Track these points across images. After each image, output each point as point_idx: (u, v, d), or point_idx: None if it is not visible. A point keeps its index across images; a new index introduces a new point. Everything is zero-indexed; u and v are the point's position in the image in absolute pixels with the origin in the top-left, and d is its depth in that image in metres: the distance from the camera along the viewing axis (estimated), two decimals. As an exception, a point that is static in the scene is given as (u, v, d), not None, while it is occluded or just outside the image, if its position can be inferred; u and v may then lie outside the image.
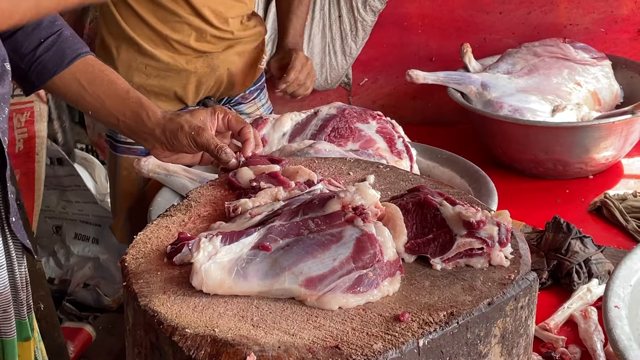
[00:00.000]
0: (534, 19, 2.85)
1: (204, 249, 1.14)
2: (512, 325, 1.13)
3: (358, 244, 1.15)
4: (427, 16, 2.91)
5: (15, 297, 1.55)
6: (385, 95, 3.01)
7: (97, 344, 2.89)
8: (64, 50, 1.57)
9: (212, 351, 1.02)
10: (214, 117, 1.53)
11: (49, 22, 1.57)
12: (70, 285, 3.14)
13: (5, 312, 1.52)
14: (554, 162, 2.39)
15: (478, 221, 1.18)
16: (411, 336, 1.03)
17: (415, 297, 1.11)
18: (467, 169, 1.95)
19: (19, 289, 1.55)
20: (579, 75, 2.56)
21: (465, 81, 2.53)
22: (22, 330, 1.57)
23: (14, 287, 1.55)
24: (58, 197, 3.22)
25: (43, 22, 1.56)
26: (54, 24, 1.57)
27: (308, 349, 1.01)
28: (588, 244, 1.98)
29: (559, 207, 2.28)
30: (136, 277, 1.15)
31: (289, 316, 1.08)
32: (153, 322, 1.07)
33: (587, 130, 2.34)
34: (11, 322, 1.54)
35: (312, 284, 1.11)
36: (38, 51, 1.56)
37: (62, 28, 1.58)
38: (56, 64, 1.56)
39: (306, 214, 1.23)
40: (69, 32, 1.59)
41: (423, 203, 1.24)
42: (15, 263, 1.55)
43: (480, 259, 1.17)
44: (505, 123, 2.39)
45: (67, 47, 1.57)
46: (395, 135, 1.87)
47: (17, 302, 1.56)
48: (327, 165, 1.50)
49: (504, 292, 1.11)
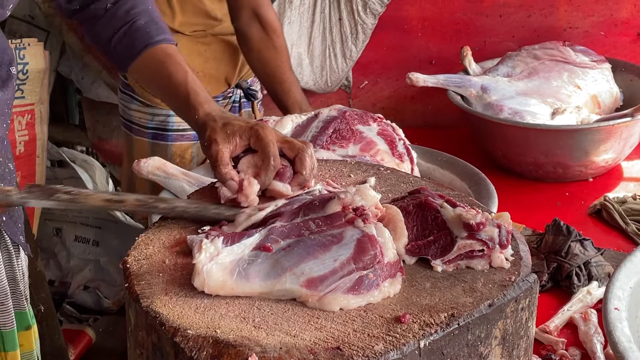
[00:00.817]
0: (534, 22, 2.86)
1: (205, 250, 1.14)
2: (512, 327, 1.13)
3: (359, 245, 1.15)
4: (427, 19, 2.92)
5: (14, 289, 1.57)
6: (385, 98, 3.01)
7: (98, 346, 2.89)
8: (133, 42, 1.54)
9: (214, 352, 1.02)
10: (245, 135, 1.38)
11: (124, 11, 1.55)
12: (70, 288, 3.13)
13: (3, 305, 1.54)
14: (554, 165, 2.39)
15: (478, 223, 1.18)
16: (412, 337, 1.03)
17: (416, 298, 1.12)
18: (467, 172, 1.95)
19: (18, 281, 1.58)
20: (578, 79, 2.57)
21: (465, 84, 2.53)
22: (22, 320, 1.59)
23: (12, 279, 1.57)
24: (58, 199, 3.22)
25: (119, 12, 1.55)
26: (129, 14, 1.55)
27: (309, 350, 1.02)
28: (588, 247, 1.98)
29: (559, 210, 2.28)
30: (138, 279, 1.16)
31: (290, 317, 1.09)
32: (155, 324, 1.07)
33: (587, 133, 2.35)
34: (9, 314, 1.56)
35: (313, 284, 1.12)
36: (112, 42, 1.55)
37: (137, 17, 1.55)
38: (127, 55, 1.54)
39: (307, 215, 1.23)
40: (144, 20, 1.55)
41: (424, 205, 1.24)
42: (13, 257, 1.57)
43: (480, 261, 1.18)
44: (505, 126, 2.40)
45: (136, 39, 1.55)
46: (396, 138, 1.87)
47: (17, 293, 1.58)
48: (327, 167, 1.51)
49: (505, 293, 1.12)
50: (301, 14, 2.85)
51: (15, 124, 2.56)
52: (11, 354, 1.56)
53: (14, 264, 1.57)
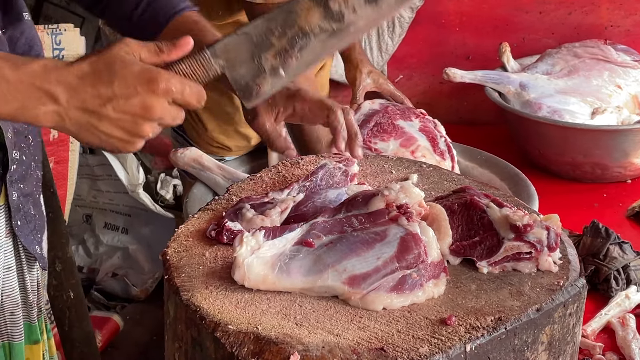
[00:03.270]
0: (575, 19, 2.81)
1: (247, 243, 1.13)
2: (559, 333, 1.11)
3: (402, 244, 1.13)
4: (465, 14, 2.88)
5: (25, 300, 1.52)
6: (419, 93, 2.98)
7: (125, 334, 2.90)
8: (157, 13, 1.47)
9: (255, 349, 1.00)
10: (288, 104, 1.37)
11: None
12: (98, 275, 3.14)
13: (13, 315, 1.50)
14: (592, 166, 2.36)
15: (526, 225, 1.16)
16: (458, 340, 1.01)
17: (462, 300, 1.10)
18: (508, 172, 1.93)
19: (29, 292, 1.52)
20: (619, 78, 2.52)
21: (503, 81, 2.49)
22: (31, 333, 1.55)
23: (23, 289, 1.52)
24: (89, 186, 3.23)
25: None
26: None
27: (352, 350, 1.00)
28: (627, 250, 1.95)
29: (596, 211, 2.25)
30: (178, 271, 1.14)
31: (332, 315, 1.07)
32: (195, 317, 1.06)
33: (627, 134, 2.31)
34: (19, 326, 1.51)
35: (355, 282, 1.10)
36: (134, 16, 1.48)
37: None
38: (153, 27, 1.47)
39: (349, 211, 1.22)
40: None
41: (469, 204, 1.22)
42: (25, 266, 1.51)
43: (528, 264, 1.15)
44: (544, 124, 2.36)
45: (160, 9, 1.48)
46: (437, 135, 1.85)
47: (27, 305, 1.53)
48: (369, 162, 1.49)
49: (553, 298, 1.09)
50: (338, 6, 2.83)
51: (50, 110, 2.56)
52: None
53: (25, 274, 1.51)
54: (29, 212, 1.50)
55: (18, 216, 1.46)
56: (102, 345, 2.77)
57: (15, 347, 1.51)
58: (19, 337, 1.52)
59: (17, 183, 1.44)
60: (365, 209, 1.21)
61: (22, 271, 1.51)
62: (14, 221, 1.45)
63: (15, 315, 1.50)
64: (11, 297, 1.49)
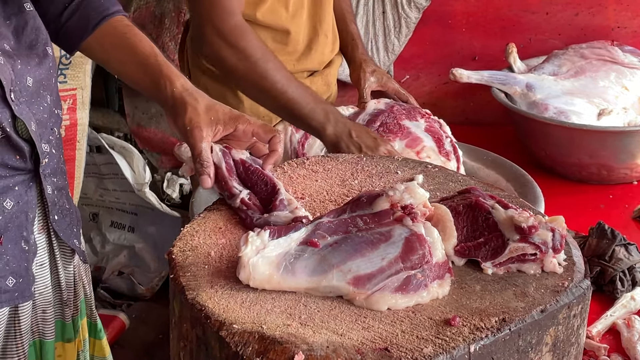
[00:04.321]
0: (581, 20, 2.81)
1: (252, 242, 1.13)
2: (564, 334, 1.11)
3: (407, 244, 1.14)
4: (471, 14, 2.87)
5: (60, 298, 1.52)
6: (426, 93, 2.98)
7: (130, 332, 2.90)
8: (88, 14, 1.47)
9: (260, 348, 1.01)
10: (231, 125, 1.38)
11: None
12: (105, 273, 3.15)
13: (45, 313, 1.49)
14: (599, 167, 2.35)
15: (531, 226, 1.16)
16: (462, 341, 1.01)
17: (466, 301, 1.10)
18: (514, 173, 1.92)
19: (63, 290, 1.52)
20: (626, 79, 2.52)
21: (510, 81, 2.49)
22: (64, 331, 1.55)
23: (57, 287, 1.51)
24: (96, 184, 3.24)
25: None
26: None
27: (357, 350, 1.00)
28: (632, 252, 1.94)
29: (602, 213, 2.24)
30: (183, 270, 1.15)
31: (337, 315, 1.07)
32: (200, 316, 1.06)
33: (634, 136, 2.30)
34: (51, 324, 1.50)
35: (360, 282, 1.10)
36: (63, 17, 1.48)
37: None
38: (82, 29, 1.47)
39: (354, 212, 1.22)
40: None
41: (474, 205, 1.22)
42: (59, 263, 1.50)
43: (532, 265, 1.15)
44: (550, 125, 2.36)
45: (92, 10, 1.48)
46: (443, 135, 1.85)
47: (61, 302, 1.53)
48: (374, 163, 1.49)
49: (557, 299, 1.09)
50: (345, 7, 2.83)
51: (57, 109, 2.57)
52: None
53: (59, 271, 1.50)
54: (64, 205, 1.49)
55: (55, 210, 1.46)
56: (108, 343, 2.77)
57: (47, 344, 1.51)
58: (51, 334, 1.51)
59: (50, 177, 1.44)
60: (370, 209, 1.21)
61: (56, 268, 1.51)
62: (51, 216, 1.45)
63: (47, 313, 1.50)
64: (43, 294, 1.48)
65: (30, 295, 1.43)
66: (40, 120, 1.40)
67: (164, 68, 1.44)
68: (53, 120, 1.45)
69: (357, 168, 1.47)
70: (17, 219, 1.39)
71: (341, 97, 2.91)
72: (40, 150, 1.40)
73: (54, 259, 1.50)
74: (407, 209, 1.19)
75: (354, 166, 1.48)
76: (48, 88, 1.43)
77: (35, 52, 1.39)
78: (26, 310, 1.45)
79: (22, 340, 1.45)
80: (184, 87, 1.41)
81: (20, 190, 1.39)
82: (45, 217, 1.46)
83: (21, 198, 1.39)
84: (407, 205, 1.20)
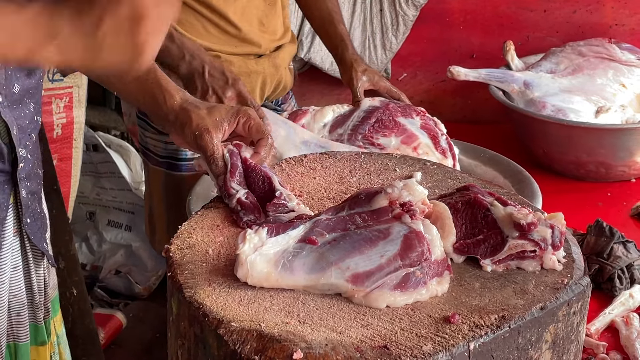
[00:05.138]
0: (579, 18, 2.81)
1: (249, 240, 1.12)
2: (563, 331, 1.10)
3: (405, 242, 1.13)
4: (469, 12, 2.87)
5: (32, 301, 1.52)
6: (424, 91, 2.97)
7: (128, 331, 2.90)
8: None
9: (258, 346, 1.00)
10: (233, 121, 1.41)
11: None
12: (102, 272, 3.14)
13: (19, 316, 1.49)
14: (597, 165, 2.35)
15: (530, 223, 1.16)
16: (462, 339, 1.01)
17: (465, 298, 1.09)
18: (511, 170, 1.92)
19: (35, 292, 1.52)
20: (624, 77, 2.52)
21: (507, 79, 2.49)
22: (37, 334, 1.54)
23: (29, 290, 1.51)
24: (92, 183, 3.23)
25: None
26: None
27: (356, 347, 0.99)
28: (631, 249, 1.94)
29: (600, 210, 2.24)
30: (181, 268, 1.14)
31: (335, 313, 1.06)
32: (198, 314, 1.06)
33: (632, 133, 2.30)
34: (25, 326, 1.50)
35: (359, 279, 1.10)
36: None
37: None
38: None
39: (352, 209, 1.21)
40: None
41: (473, 203, 1.22)
42: (32, 265, 1.51)
43: (532, 262, 1.15)
44: (548, 123, 2.36)
45: None
46: (438, 133, 1.84)
47: (33, 305, 1.52)
48: (372, 160, 1.48)
49: (557, 296, 1.09)
50: (342, 4, 2.82)
51: (54, 107, 2.56)
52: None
53: (32, 273, 1.51)
54: (35, 210, 1.50)
55: (27, 214, 1.46)
56: (105, 342, 2.77)
57: (21, 347, 1.51)
58: (25, 337, 1.51)
59: (24, 181, 1.45)
60: (368, 206, 1.20)
61: (28, 271, 1.51)
62: (23, 219, 1.46)
63: (22, 316, 1.50)
64: (17, 297, 1.49)
65: None
66: (21, 125, 1.41)
67: (163, 82, 1.45)
68: (32, 126, 1.46)
69: (356, 165, 1.47)
70: None
71: (337, 95, 2.92)
72: (18, 155, 1.41)
73: (27, 262, 1.51)
74: (405, 206, 1.19)
75: (352, 163, 1.47)
76: (33, 97, 1.45)
77: None
78: (2, 312, 1.45)
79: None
80: (183, 99, 1.43)
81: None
82: (19, 221, 1.47)
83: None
84: (405, 202, 1.19)
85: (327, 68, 2.85)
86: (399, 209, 1.18)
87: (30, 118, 1.45)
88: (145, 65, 1.00)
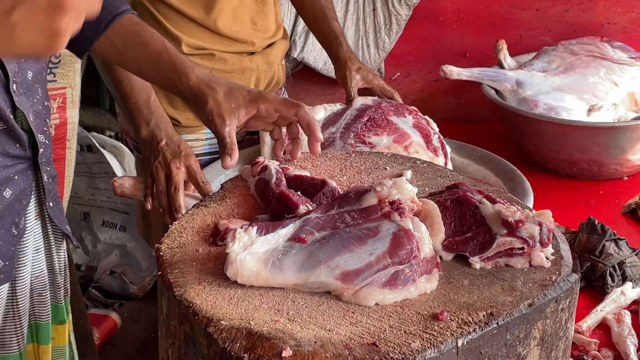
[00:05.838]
0: (571, 16, 2.81)
1: (239, 239, 1.13)
2: (552, 328, 1.11)
3: (394, 239, 1.14)
4: (462, 11, 2.88)
5: (53, 281, 1.57)
6: (417, 90, 2.98)
7: (122, 331, 2.90)
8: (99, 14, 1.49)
9: (248, 344, 1.00)
10: (252, 107, 1.41)
11: None
12: (96, 272, 3.15)
13: (41, 296, 1.53)
14: (589, 163, 2.36)
15: (518, 220, 1.16)
16: (450, 336, 1.01)
17: (454, 296, 1.10)
18: (502, 168, 1.92)
19: (57, 273, 1.57)
20: (616, 75, 2.52)
21: (500, 78, 2.49)
22: (57, 313, 1.59)
23: (51, 271, 1.56)
24: (87, 184, 3.23)
25: None
26: None
27: (345, 345, 1.00)
28: (623, 247, 1.95)
29: (593, 208, 2.24)
30: (171, 267, 1.15)
31: (325, 311, 1.07)
32: (188, 313, 1.06)
33: (624, 131, 2.31)
34: (46, 306, 1.55)
35: (348, 278, 1.10)
36: None
37: None
38: (93, 29, 1.46)
39: (342, 207, 1.21)
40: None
41: (462, 200, 1.22)
42: (53, 247, 1.55)
43: (520, 259, 1.15)
44: (540, 121, 2.36)
45: (102, 10, 1.43)
46: (430, 132, 1.85)
47: (55, 285, 1.57)
48: (363, 159, 1.49)
49: (545, 293, 1.09)
50: (335, 4, 2.82)
51: (47, 108, 2.56)
52: (43, 347, 1.55)
53: (53, 255, 1.56)
54: (55, 193, 1.54)
55: (50, 197, 1.50)
56: (99, 342, 2.77)
57: (42, 327, 1.54)
58: (46, 317, 1.55)
59: (45, 165, 1.48)
60: (357, 205, 1.21)
61: (50, 253, 1.55)
62: (47, 202, 1.50)
63: (43, 296, 1.54)
64: (40, 278, 1.52)
65: (11, 277, 1.46)
66: (36, 111, 1.44)
67: (177, 63, 1.46)
68: (45, 112, 1.49)
69: (346, 164, 1.47)
70: (13, 207, 1.43)
71: (331, 95, 2.92)
72: (38, 141, 1.44)
73: (49, 244, 1.55)
74: (394, 204, 1.19)
75: (342, 162, 1.48)
76: (40, 82, 1.48)
77: None
78: (24, 292, 1.48)
79: (20, 322, 1.48)
80: (199, 79, 1.43)
81: (19, 179, 1.43)
82: (40, 204, 1.51)
83: (19, 186, 1.43)
84: (395, 200, 1.20)
85: (321, 68, 2.85)
86: (388, 207, 1.18)
87: (42, 103, 1.47)
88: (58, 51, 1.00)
